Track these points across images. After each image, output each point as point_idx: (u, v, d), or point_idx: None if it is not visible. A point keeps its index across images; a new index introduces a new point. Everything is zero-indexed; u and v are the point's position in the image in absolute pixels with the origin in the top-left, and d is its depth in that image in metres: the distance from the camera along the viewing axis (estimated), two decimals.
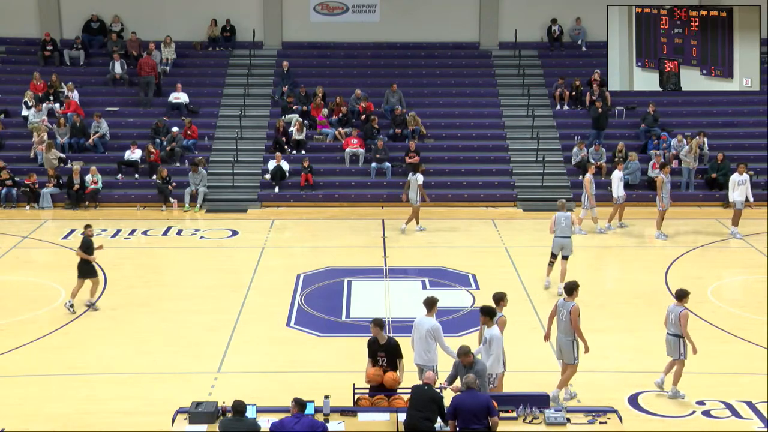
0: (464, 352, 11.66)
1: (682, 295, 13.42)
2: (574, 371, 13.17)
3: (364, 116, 28.52)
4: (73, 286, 17.22)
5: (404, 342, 12.54)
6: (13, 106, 29.31)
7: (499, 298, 12.88)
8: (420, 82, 31.14)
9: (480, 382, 11.24)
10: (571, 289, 13.18)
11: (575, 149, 27.13)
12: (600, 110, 27.97)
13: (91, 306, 17.38)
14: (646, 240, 22.66)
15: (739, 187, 22.20)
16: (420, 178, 22.75)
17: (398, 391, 12.07)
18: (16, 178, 25.98)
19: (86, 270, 17.40)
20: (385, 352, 12.07)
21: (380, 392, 11.91)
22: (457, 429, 10.68)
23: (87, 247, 17.37)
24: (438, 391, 11.12)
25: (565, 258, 18.06)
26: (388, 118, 28.79)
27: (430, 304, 12.69)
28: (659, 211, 22.13)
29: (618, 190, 22.84)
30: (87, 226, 17.78)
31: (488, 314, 12.39)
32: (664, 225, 22.42)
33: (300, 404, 10.46)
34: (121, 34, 31.48)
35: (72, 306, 17.15)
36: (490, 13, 32.25)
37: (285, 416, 10.58)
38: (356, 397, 12.02)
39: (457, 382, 11.59)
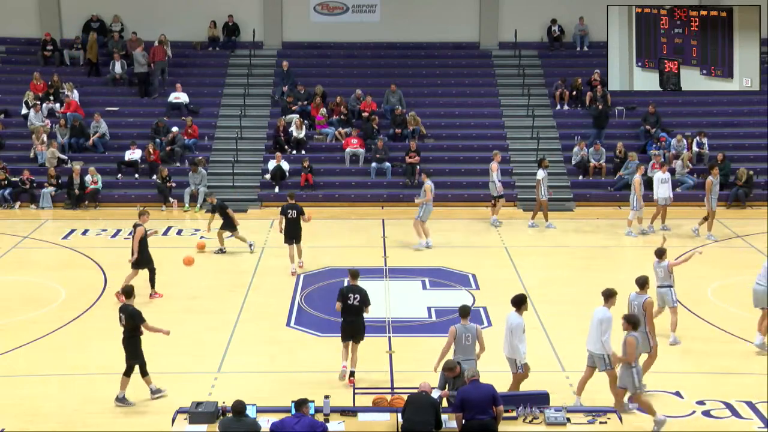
0: (449, 367, 11.72)
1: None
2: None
3: (366, 113, 28.52)
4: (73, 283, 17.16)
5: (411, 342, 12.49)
6: (13, 106, 29.31)
7: (644, 282, 13.49)
8: (420, 82, 31.13)
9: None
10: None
11: (576, 149, 27.12)
12: (600, 108, 27.98)
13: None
14: (646, 240, 22.64)
15: None
16: (540, 173, 23.06)
17: (398, 391, 12.12)
18: (12, 179, 25.97)
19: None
20: (358, 294, 13.95)
21: None
22: (463, 421, 10.70)
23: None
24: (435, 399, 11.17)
25: None
26: (388, 118, 28.79)
27: (609, 295, 13.06)
28: (711, 212, 22.05)
29: (658, 191, 22.70)
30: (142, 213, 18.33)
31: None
32: (670, 224, 22.41)
33: (300, 403, 10.47)
34: (121, 34, 31.47)
35: None
36: (490, 13, 32.23)
37: (285, 416, 10.59)
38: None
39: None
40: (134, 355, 13.25)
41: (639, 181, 22.57)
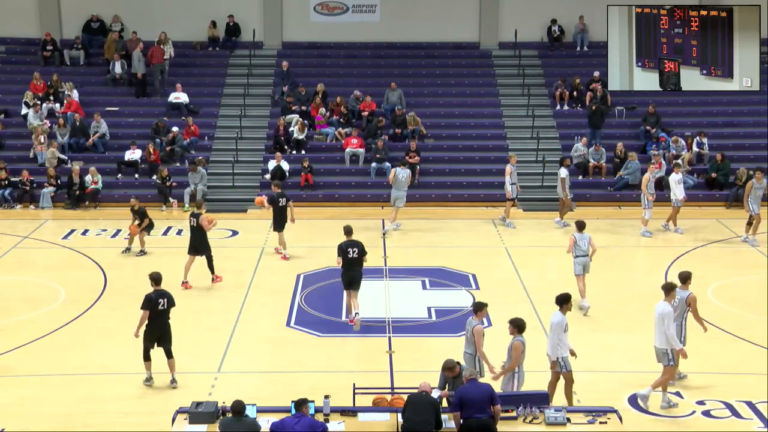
0: (449, 367, 11.71)
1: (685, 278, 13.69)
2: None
3: (368, 112, 28.53)
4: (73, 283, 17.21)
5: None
6: (13, 106, 29.31)
7: (686, 277, 13.64)
8: (420, 82, 31.13)
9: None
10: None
11: (578, 144, 26.99)
12: (594, 108, 27.94)
13: None
14: (645, 240, 22.65)
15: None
16: (563, 172, 23.12)
17: (398, 391, 12.12)
18: (12, 179, 25.98)
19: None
20: (356, 247, 16.25)
21: None
22: (462, 421, 10.71)
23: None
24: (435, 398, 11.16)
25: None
26: (388, 118, 28.79)
27: (670, 289, 13.24)
28: (754, 215, 21.69)
29: (675, 192, 22.48)
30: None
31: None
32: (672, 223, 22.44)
33: (300, 403, 10.48)
34: (121, 34, 31.46)
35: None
36: (490, 13, 32.24)
37: (285, 416, 10.59)
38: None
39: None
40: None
41: (648, 178, 22.46)
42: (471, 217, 24.59)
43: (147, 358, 13.90)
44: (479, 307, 12.89)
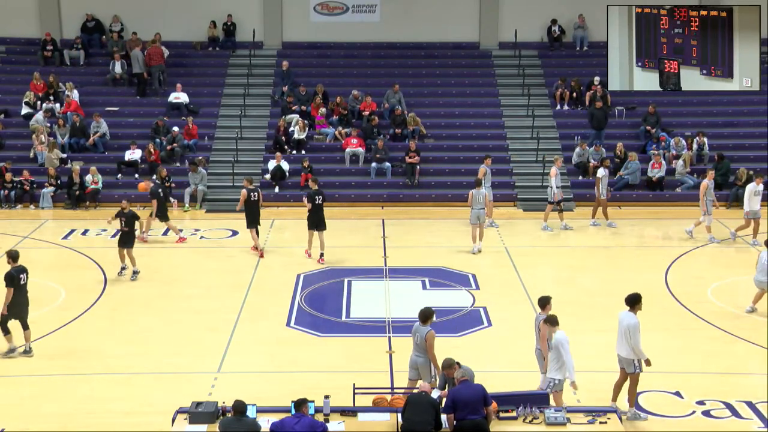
0: (448, 365, 11.70)
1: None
2: None
3: (368, 113, 28.53)
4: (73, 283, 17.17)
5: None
6: (13, 106, 29.31)
7: None
8: (420, 82, 31.13)
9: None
10: None
11: (578, 149, 27.03)
12: (596, 110, 27.93)
13: None
14: (646, 240, 22.66)
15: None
16: (600, 171, 23.16)
17: (398, 391, 12.13)
18: (15, 179, 25.99)
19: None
20: (321, 195, 19.95)
21: None
22: (455, 422, 10.71)
23: None
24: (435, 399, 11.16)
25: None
26: (387, 118, 28.78)
27: None
28: None
29: (750, 204, 21.57)
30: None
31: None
32: (665, 224, 22.42)
33: (300, 403, 10.48)
34: (121, 34, 31.46)
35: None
36: (490, 13, 32.24)
37: (285, 416, 10.59)
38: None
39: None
40: None
41: (707, 185, 21.79)
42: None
43: (7, 331, 14.73)
44: (545, 302, 12.89)
